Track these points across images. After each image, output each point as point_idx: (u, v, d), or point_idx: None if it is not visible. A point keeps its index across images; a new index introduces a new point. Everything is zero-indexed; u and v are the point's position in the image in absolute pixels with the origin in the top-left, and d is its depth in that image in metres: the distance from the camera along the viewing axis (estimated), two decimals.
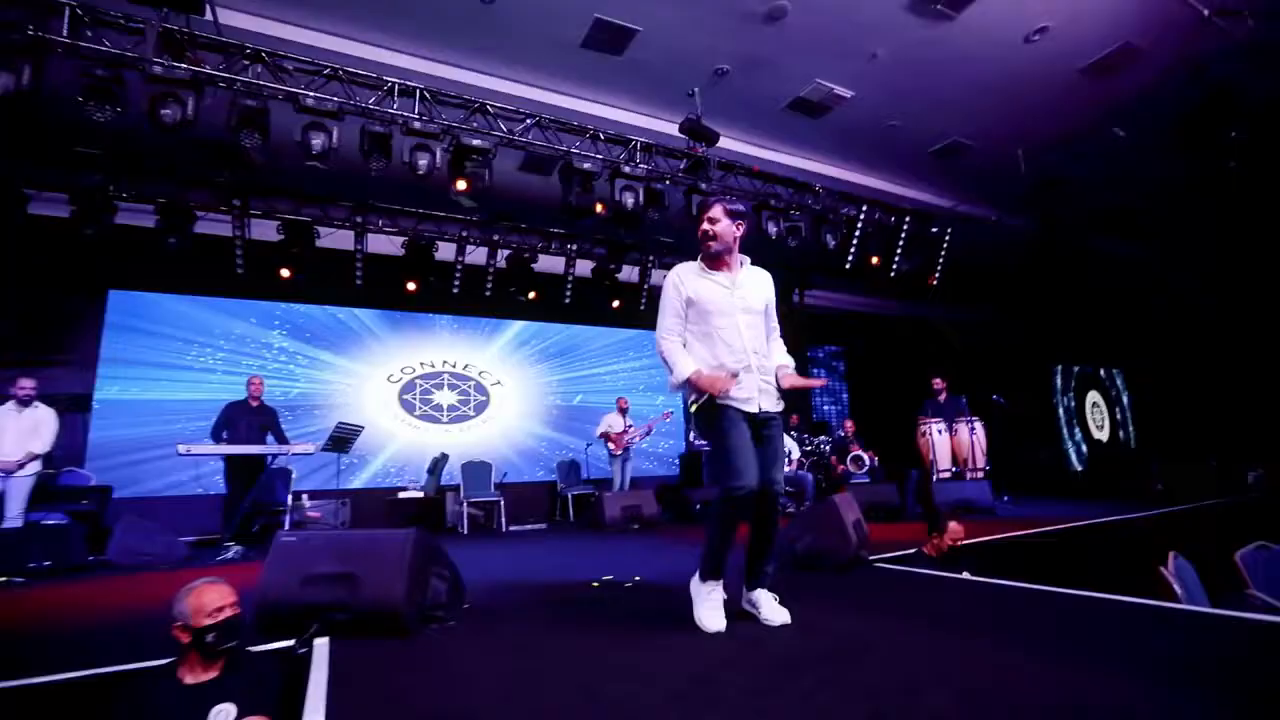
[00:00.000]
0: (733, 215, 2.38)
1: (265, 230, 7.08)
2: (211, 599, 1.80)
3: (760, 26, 5.65)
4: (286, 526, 5.89)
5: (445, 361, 8.65)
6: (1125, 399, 14.22)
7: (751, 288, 2.41)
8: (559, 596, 3.03)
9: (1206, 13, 5.58)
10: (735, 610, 2.34)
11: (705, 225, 2.37)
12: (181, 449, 4.72)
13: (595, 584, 3.21)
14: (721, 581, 2.27)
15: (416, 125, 5.16)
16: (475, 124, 5.58)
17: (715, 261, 2.39)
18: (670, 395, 9.91)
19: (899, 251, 7.93)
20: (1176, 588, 3.44)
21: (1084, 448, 13.25)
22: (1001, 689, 1.56)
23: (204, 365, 7.23)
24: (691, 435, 8.47)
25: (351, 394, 7.96)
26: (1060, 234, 9.26)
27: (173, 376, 7.04)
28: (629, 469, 7.78)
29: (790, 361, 2.49)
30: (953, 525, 3.74)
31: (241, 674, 1.83)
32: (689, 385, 2.27)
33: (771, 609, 2.27)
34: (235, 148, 4.75)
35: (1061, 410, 13.19)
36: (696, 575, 2.33)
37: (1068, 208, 9.13)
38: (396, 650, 2.06)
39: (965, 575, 3.27)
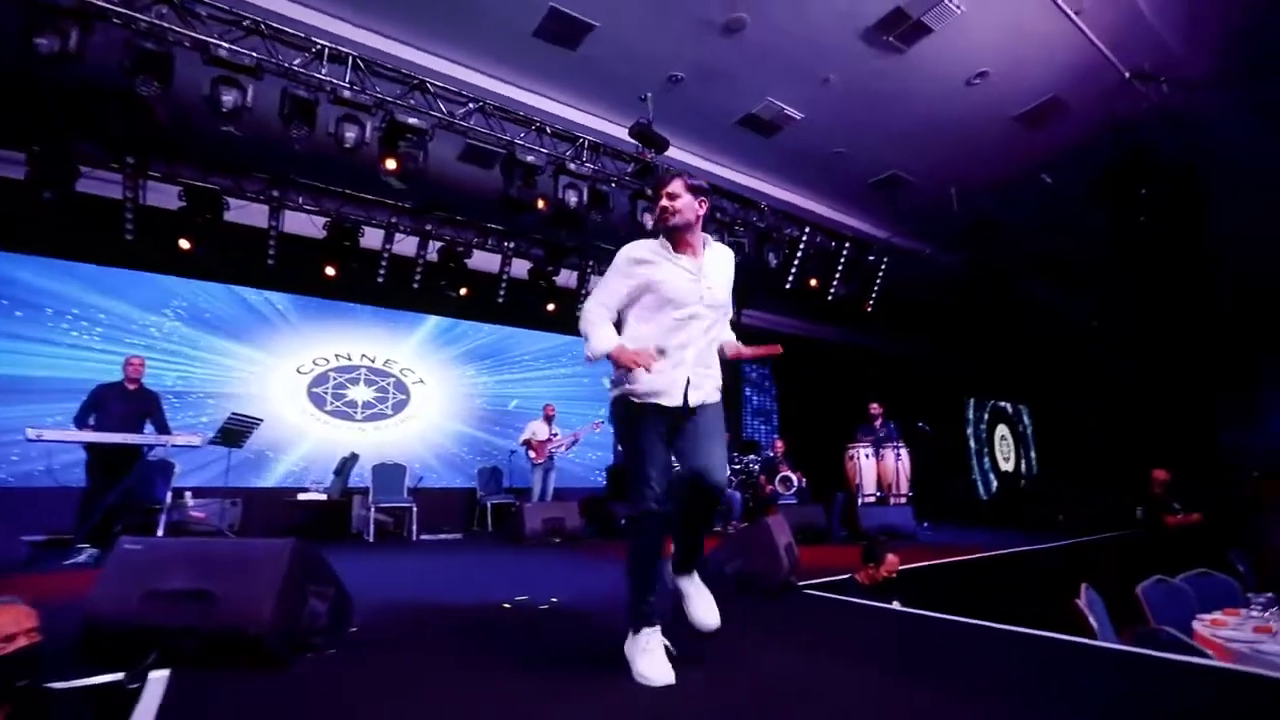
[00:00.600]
0: (695, 190, 2.13)
1: (165, 197, 6.37)
2: None
3: (718, 37, 5.58)
4: (161, 528, 5.21)
5: (364, 355, 8.05)
6: (1030, 434, 15.11)
7: (717, 275, 2.14)
8: (465, 620, 2.70)
9: (1126, 75, 5.96)
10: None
11: (664, 201, 2.10)
12: (31, 433, 4.07)
13: (507, 605, 2.90)
14: (658, 627, 1.93)
15: (346, 94, 4.74)
16: (413, 101, 5.21)
17: (678, 241, 2.11)
18: (586, 405, 9.68)
19: (838, 276, 8.05)
20: (1092, 621, 3.49)
21: (992, 478, 13.95)
22: None
23: (76, 341, 6.37)
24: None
25: (253, 383, 7.24)
26: (985, 273, 9.71)
27: (34, 351, 6.16)
28: (552, 479, 7.46)
29: (733, 336, 2.29)
30: (890, 558, 3.68)
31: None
32: (610, 362, 2.02)
33: (702, 607, 2.05)
34: (130, 95, 4.18)
35: (973, 441, 13.85)
36: (629, 634, 1.96)
37: (995, 248, 9.60)
38: (251, 686, 1.70)
39: (896, 605, 3.19)
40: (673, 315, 2.05)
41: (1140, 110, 6.34)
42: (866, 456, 6.97)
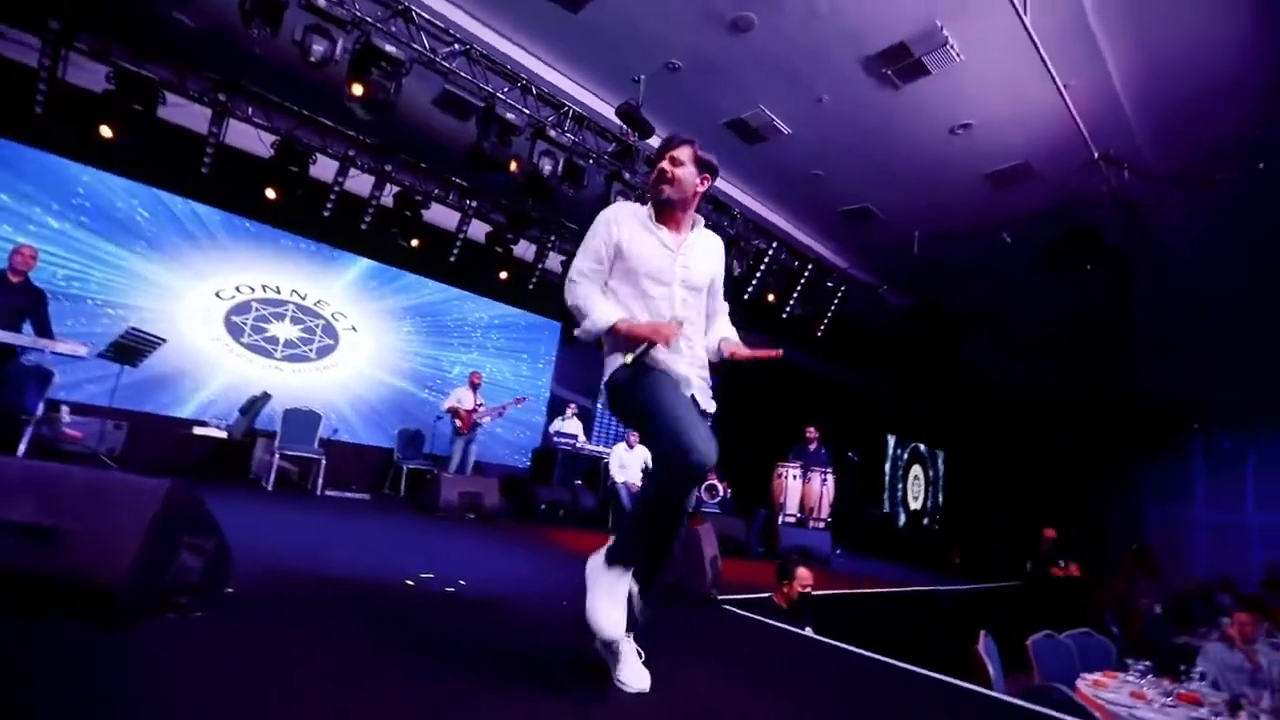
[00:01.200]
0: (701, 164, 1.92)
1: (91, 77, 5.68)
2: None
3: (724, 33, 5.44)
4: (26, 442, 4.64)
5: (294, 291, 7.48)
6: (942, 478, 15.85)
7: (698, 256, 1.95)
8: (358, 594, 2.46)
9: (1096, 155, 6.23)
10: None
11: (665, 165, 1.89)
12: None
13: (410, 582, 2.67)
14: (631, 572, 1.70)
15: (321, 3, 4.31)
16: (394, 29, 4.81)
17: (664, 214, 1.92)
18: (526, 382, 9.42)
19: (795, 296, 8.10)
20: (990, 669, 3.59)
21: (902, 514, 14.54)
22: None
23: None
24: (552, 430, 8.01)
25: (163, 299, 6.57)
26: (930, 319, 10.04)
27: None
28: (474, 451, 7.17)
29: (735, 334, 2.10)
30: (802, 572, 3.67)
31: None
32: (613, 337, 1.79)
33: (630, 669, 1.71)
34: None
35: (888, 476, 14.39)
36: (600, 553, 1.74)
37: (944, 295, 9.93)
38: (90, 647, 1.43)
39: (809, 630, 3.16)
40: (646, 288, 1.87)
41: (1099, 191, 6.66)
42: (794, 477, 7.04)
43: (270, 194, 6.48)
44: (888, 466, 14.45)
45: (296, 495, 5.73)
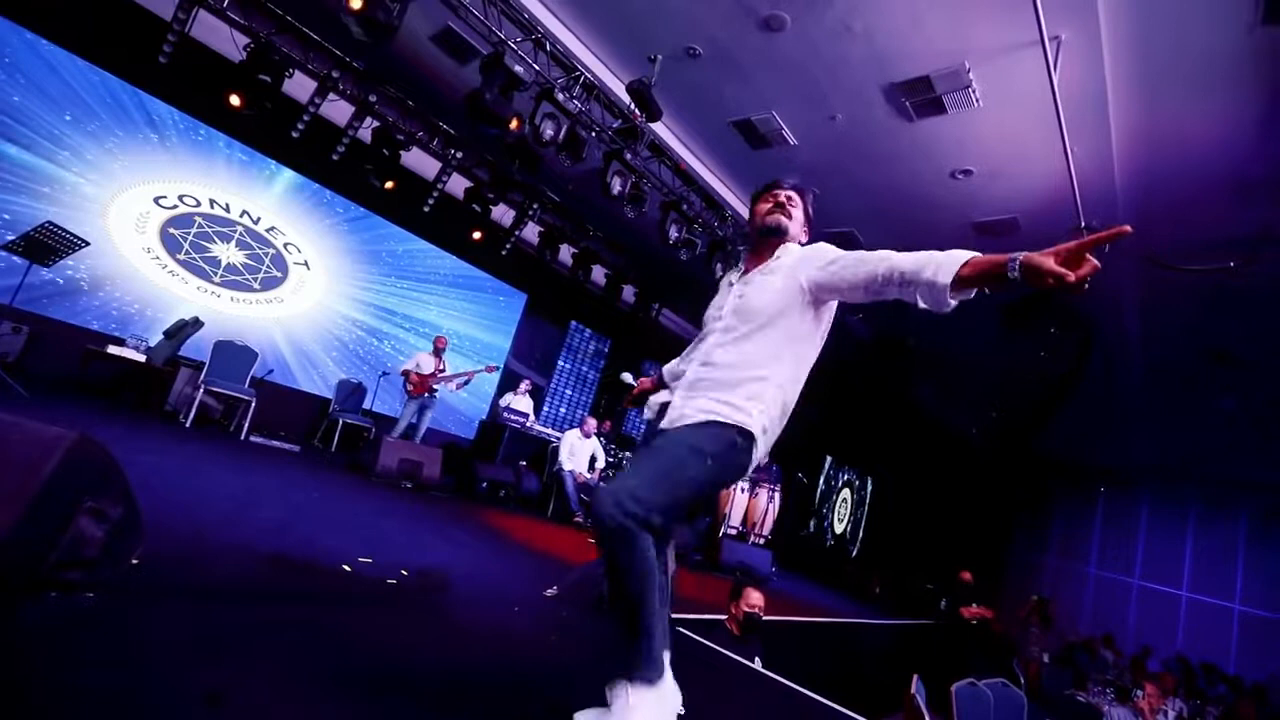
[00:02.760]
0: (808, 216, 1.89)
1: None
2: None
3: (752, 29, 5.23)
4: None
5: (245, 213, 6.84)
6: (868, 504, 16.30)
7: (765, 279, 1.75)
8: (289, 578, 2.16)
9: (1082, 223, 6.37)
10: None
11: (781, 199, 1.82)
12: None
13: (347, 568, 2.38)
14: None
15: None
16: None
17: (759, 247, 1.84)
18: (483, 348, 9.06)
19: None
20: (927, 718, 3.58)
21: (825, 535, 14.87)
22: None
23: None
24: (503, 405, 7.69)
25: (91, 195, 5.85)
26: (887, 352, 10.20)
27: None
28: (427, 419, 6.77)
29: (961, 254, 1.45)
30: (752, 593, 3.56)
31: None
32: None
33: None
34: None
35: (819, 496, 14.69)
36: (626, 685, 1.43)
37: (903, 332, 10.11)
38: None
39: (757, 661, 3.05)
40: (703, 332, 1.85)
41: None
42: (742, 490, 6.98)
43: (235, 100, 5.84)
44: (821, 486, 14.74)
45: (218, 437, 5.22)
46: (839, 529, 15.22)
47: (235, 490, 3.34)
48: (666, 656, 1.50)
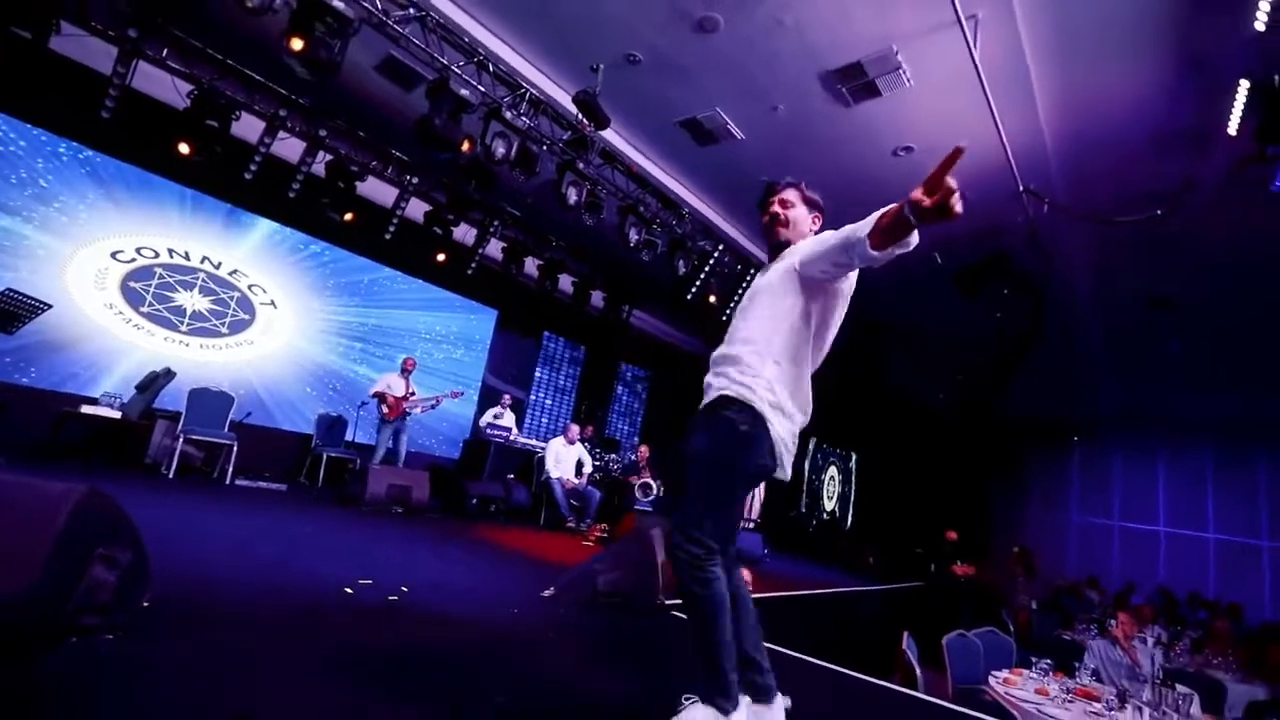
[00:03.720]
0: (810, 203, 1.97)
1: None
2: None
3: (688, 32, 5.40)
4: None
5: (206, 258, 6.81)
6: (854, 481, 16.65)
7: (769, 271, 1.91)
8: (295, 603, 2.25)
9: (1021, 187, 6.68)
10: None
11: (776, 209, 1.93)
12: None
13: (349, 590, 2.47)
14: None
15: None
16: None
17: (777, 257, 1.92)
18: (460, 367, 9.11)
19: (736, 299, 8.22)
20: (918, 671, 3.78)
21: (815, 515, 15.16)
22: None
23: None
24: (485, 421, 7.75)
25: (48, 258, 5.79)
26: (858, 328, 10.49)
27: None
28: (404, 441, 6.82)
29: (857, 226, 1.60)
30: (744, 575, 3.71)
31: None
32: None
33: None
34: None
35: (808, 478, 14.97)
36: (698, 701, 1.56)
37: (871, 311, 10.40)
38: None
39: None
40: None
41: (1016, 222, 7.16)
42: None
43: (184, 149, 5.84)
44: (806, 467, 15.02)
45: (202, 484, 5.23)
46: (830, 507, 15.54)
47: (229, 531, 3.39)
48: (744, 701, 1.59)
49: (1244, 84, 4.88)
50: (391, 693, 1.55)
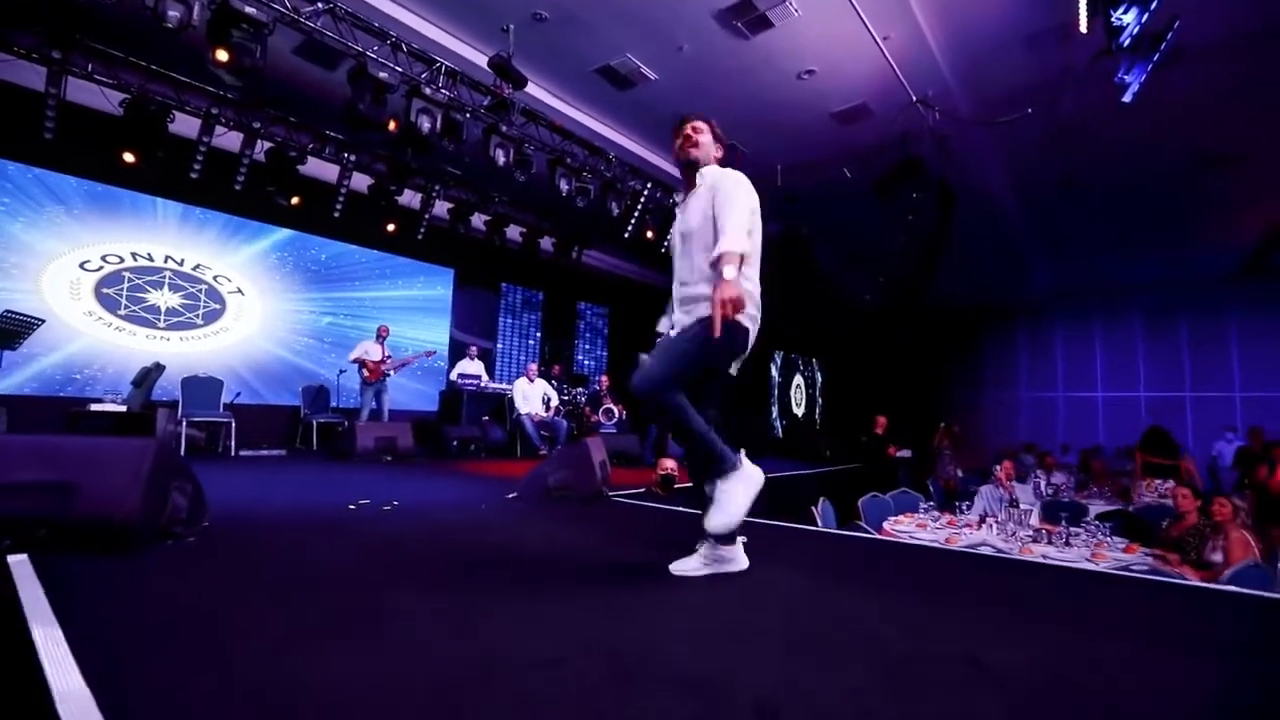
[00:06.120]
0: (717, 137, 2.32)
1: None
2: None
3: None
4: None
5: (169, 257, 7.23)
6: (818, 385, 17.76)
7: (692, 204, 2.27)
8: (315, 517, 3.01)
9: (914, 98, 7.23)
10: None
11: (689, 132, 2.30)
12: None
13: (352, 506, 3.24)
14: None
15: None
16: None
17: (689, 180, 2.33)
18: (426, 329, 9.70)
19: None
20: (818, 519, 4.72)
21: (784, 420, 16.30)
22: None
23: None
24: (456, 373, 8.44)
25: (20, 277, 6.21)
26: (794, 244, 11.16)
27: None
28: (386, 401, 7.53)
29: (726, 246, 2.01)
30: (666, 461, 4.51)
31: None
32: None
33: (714, 510, 2.05)
34: None
35: (776, 388, 16.00)
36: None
37: (803, 220, 11.04)
38: (130, 565, 1.95)
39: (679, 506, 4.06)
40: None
41: (920, 129, 7.74)
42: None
43: (128, 158, 6.17)
44: (772, 379, 16.02)
45: (212, 458, 5.93)
46: (799, 412, 16.68)
47: (247, 484, 4.14)
48: (741, 453, 2.13)
49: None
50: (401, 555, 2.32)
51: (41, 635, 1.26)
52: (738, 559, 2.17)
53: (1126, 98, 5.83)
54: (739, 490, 2.04)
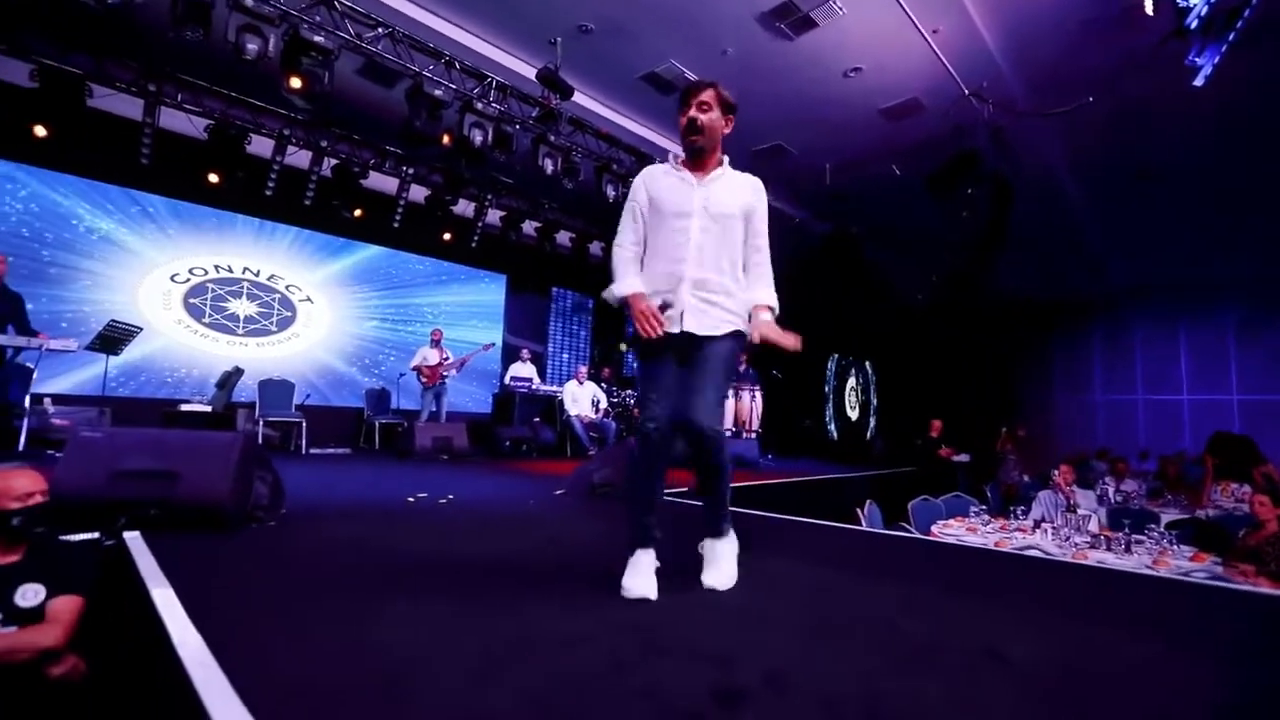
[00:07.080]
0: (725, 105, 2.05)
1: (11, 71, 5.77)
2: (22, 484, 1.80)
3: None
4: (23, 434, 5.12)
5: (247, 269, 7.82)
6: (874, 387, 17.36)
7: (723, 187, 2.01)
8: (378, 506, 3.25)
9: (966, 91, 7.05)
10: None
11: (693, 112, 2.00)
12: None
13: (411, 499, 3.48)
14: (650, 550, 1.91)
15: (248, 2, 4.62)
16: (318, 18, 5.12)
17: (695, 161, 2.03)
18: (481, 334, 10.04)
19: None
20: (864, 522, 4.69)
21: (839, 421, 16.02)
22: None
23: None
24: (509, 376, 8.75)
25: (119, 290, 6.86)
26: (845, 242, 10.98)
27: None
28: (445, 403, 7.88)
29: (770, 300, 2.01)
30: None
31: (46, 559, 1.86)
32: (626, 306, 1.95)
33: (713, 571, 1.97)
34: None
35: (830, 390, 15.74)
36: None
37: (853, 220, 10.85)
38: (223, 543, 2.19)
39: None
40: (672, 226, 1.98)
41: (974, 123, 7.53)
42: (728, 396, 8.06)
43: (213, 178, 6.73)
44: (828, 382, 15.75)
45: (285, 455, 6.39)
46: (853, 416, 16.36)
47: (318, 479, 4.46)
48: None
49: None
50: (454, 543, 2.51)
51: (160, 596, 1.48)
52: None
53: (1198, 81, 5.53)
54: (733, 555, 2.04)
